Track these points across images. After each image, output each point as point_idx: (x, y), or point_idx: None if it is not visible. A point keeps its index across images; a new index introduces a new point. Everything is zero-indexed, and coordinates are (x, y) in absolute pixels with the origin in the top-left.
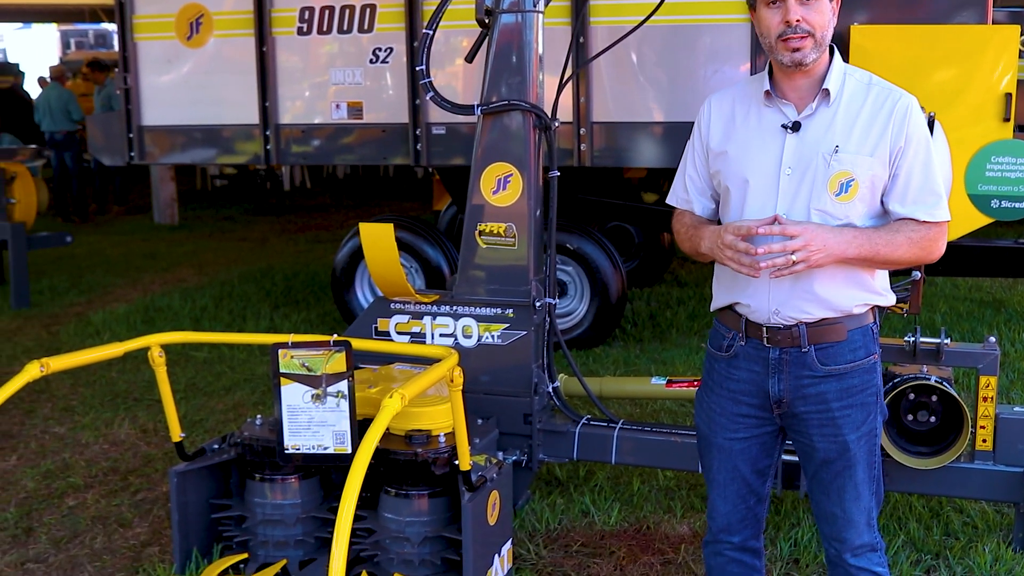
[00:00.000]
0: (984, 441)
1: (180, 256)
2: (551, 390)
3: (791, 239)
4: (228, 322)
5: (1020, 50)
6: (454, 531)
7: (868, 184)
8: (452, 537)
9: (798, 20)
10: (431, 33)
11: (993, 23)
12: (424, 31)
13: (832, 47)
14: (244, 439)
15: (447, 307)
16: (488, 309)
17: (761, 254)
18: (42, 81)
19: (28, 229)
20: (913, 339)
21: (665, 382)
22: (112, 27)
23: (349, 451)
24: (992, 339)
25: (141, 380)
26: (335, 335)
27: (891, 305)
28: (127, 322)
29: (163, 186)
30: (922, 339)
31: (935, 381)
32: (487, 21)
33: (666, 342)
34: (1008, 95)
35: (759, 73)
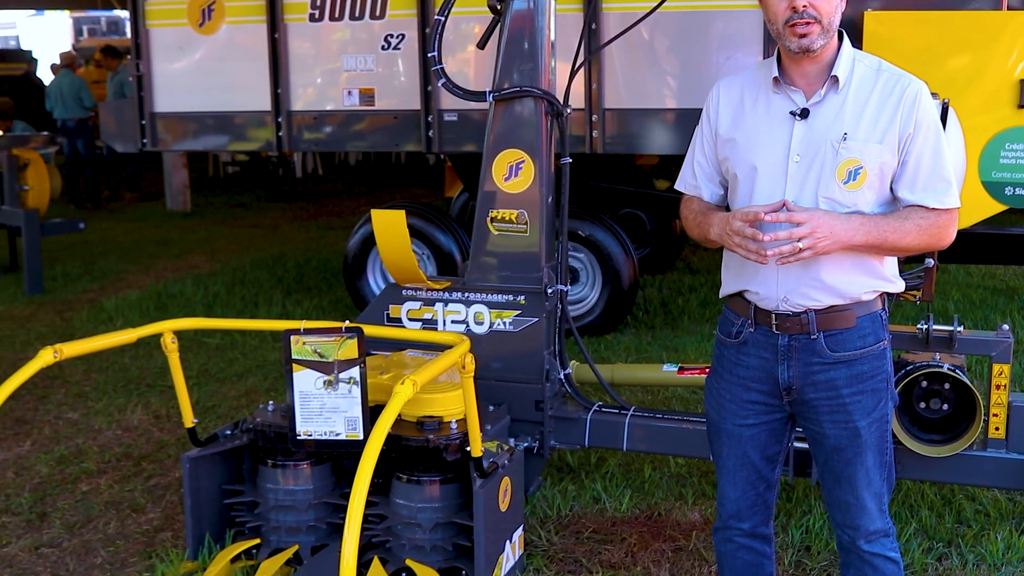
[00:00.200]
0: (997, 429)
1: (192, 243)
2: (563, 377)
3: (798, 226)
4: (240, 308)
5: None
6: (466, 517)
7: (877, 172)
8: (464, 523)
9: (804, 6)
10: (443, 19)
11: (1008, 9)
12: (436, 17)
13: (841, 32)
14: (256, 425)
15: (459, 294)
16: (500, 296)
17: (768, 241)
18: (55, 68)
19: (41, 216)
20: (926, 327)
21: (677, 369)
22: (125, 14)
23: (361, 437)
24: (1005, 327)
25: (154, 366)
26: (347, 321)
27: (900, 292)
28: (140, 308)
29: (175, 173)
30: (935, 327)
31: (948, 369)
32: (499, 7)
33: (678, 329)
34: (1023, 82)
35: (768, 59)
